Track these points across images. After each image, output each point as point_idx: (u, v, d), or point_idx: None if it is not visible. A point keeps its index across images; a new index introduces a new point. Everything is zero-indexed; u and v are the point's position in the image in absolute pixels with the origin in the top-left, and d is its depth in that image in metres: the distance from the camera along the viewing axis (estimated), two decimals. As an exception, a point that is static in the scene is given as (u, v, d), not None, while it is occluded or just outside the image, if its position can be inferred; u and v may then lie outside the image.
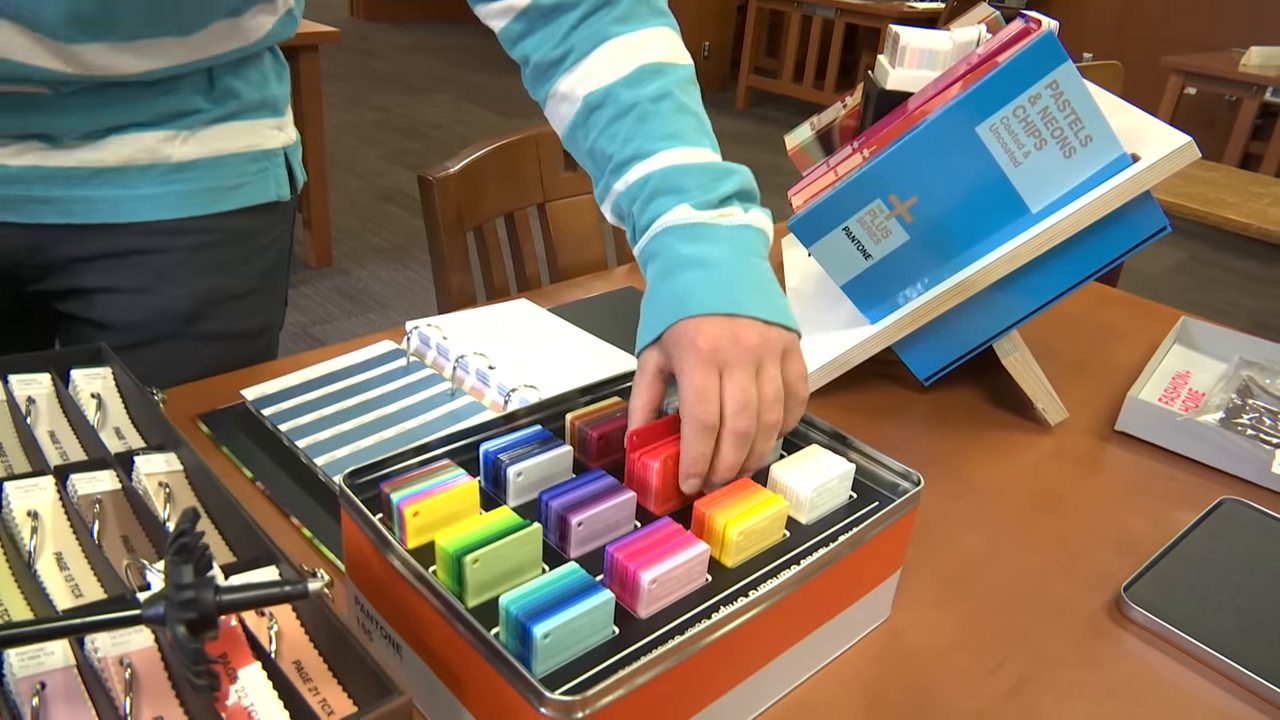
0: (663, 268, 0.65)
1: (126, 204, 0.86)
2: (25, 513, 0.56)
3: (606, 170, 0.73)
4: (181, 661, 0.40)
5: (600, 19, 0.74)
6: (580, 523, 0.54)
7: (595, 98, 0.72)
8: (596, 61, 0.73)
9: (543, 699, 0.42)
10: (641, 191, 0.69)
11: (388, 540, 0.51)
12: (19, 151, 0.80)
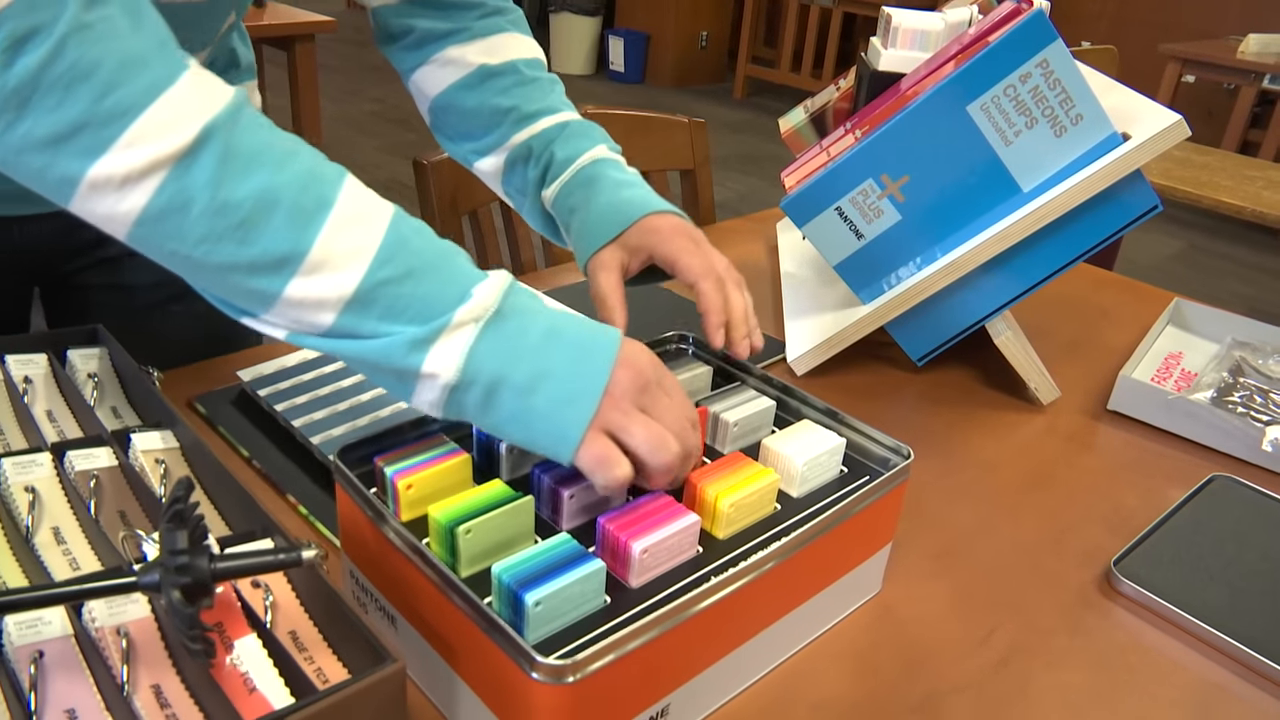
0: (605, 186, 0.74)
1: None
2: (23, 488, 0.57)
3: (506, 123, 0.78)
4: (177, 627, 0.41)
5: (497, 19, 0.80)
6: (572, 495, 0.55)
7: (495, 67, 0.78)
8: (498, 42, 0.79)
9: (534, 664, 0.43)
10: (560, 134, 0.77)
11: (382, 513, 0.51)
12: None
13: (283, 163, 0.48)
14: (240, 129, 0.47)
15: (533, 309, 0.52)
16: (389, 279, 0.49)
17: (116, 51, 0.44)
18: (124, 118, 0.44)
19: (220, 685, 0.45)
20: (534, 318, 0.52)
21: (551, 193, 0.77)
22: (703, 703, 0.53)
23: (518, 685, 0.44)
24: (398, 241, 0.50)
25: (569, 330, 0.53)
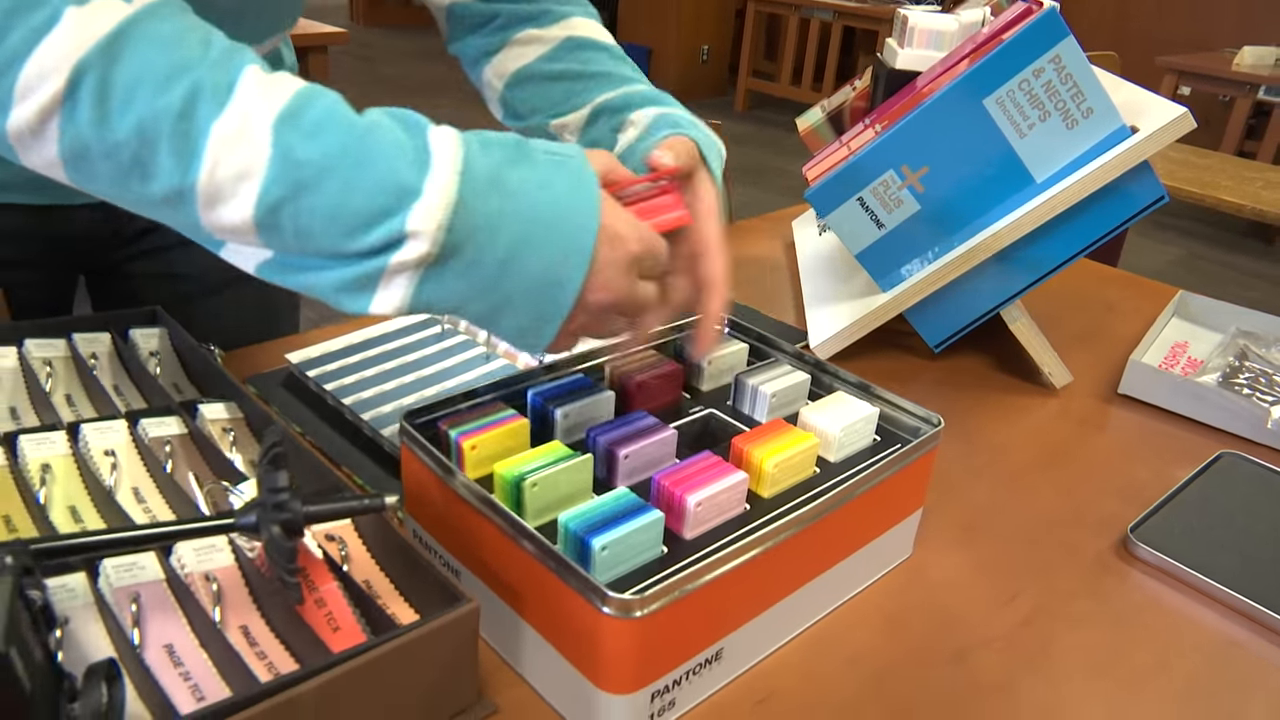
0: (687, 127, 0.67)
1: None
2: (103, 452, 0.60)
3: (592, 87, 0.75)
4: (276, 562, 0.44)
5: (573, 6, 0.79)
6: (627, 455, 0.58)
7: (580, 39, 0.76)
8: (578, 23, 0.78)
9: (605, 598, 0.46)
10: (651, 99, 0.72)
11: (450, 469, 0.55)
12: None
13: (162, 87, 0.44)
14: (119, 59, 0.43)
15: (490, 222, 0.47)
16: (281, 200, 0.45)
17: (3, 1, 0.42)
18: (11, 69, 0.43)
19: (307, 623, 0.48)
20: (491, 238, 0.47)
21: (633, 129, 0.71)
22: (751, 650, 0.56)
23: (587, 622, 0.48)
24: (282, 154, 0.44)
25: (534, 248, 0.48)
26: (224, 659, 0.47)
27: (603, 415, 0.64)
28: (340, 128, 0.46)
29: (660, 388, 0.68)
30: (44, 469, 0.58)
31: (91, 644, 0.47)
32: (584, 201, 0.50)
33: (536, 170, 0.49)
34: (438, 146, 0.47)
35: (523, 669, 0.55)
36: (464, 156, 0.47)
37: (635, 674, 0.49)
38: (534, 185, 0.49)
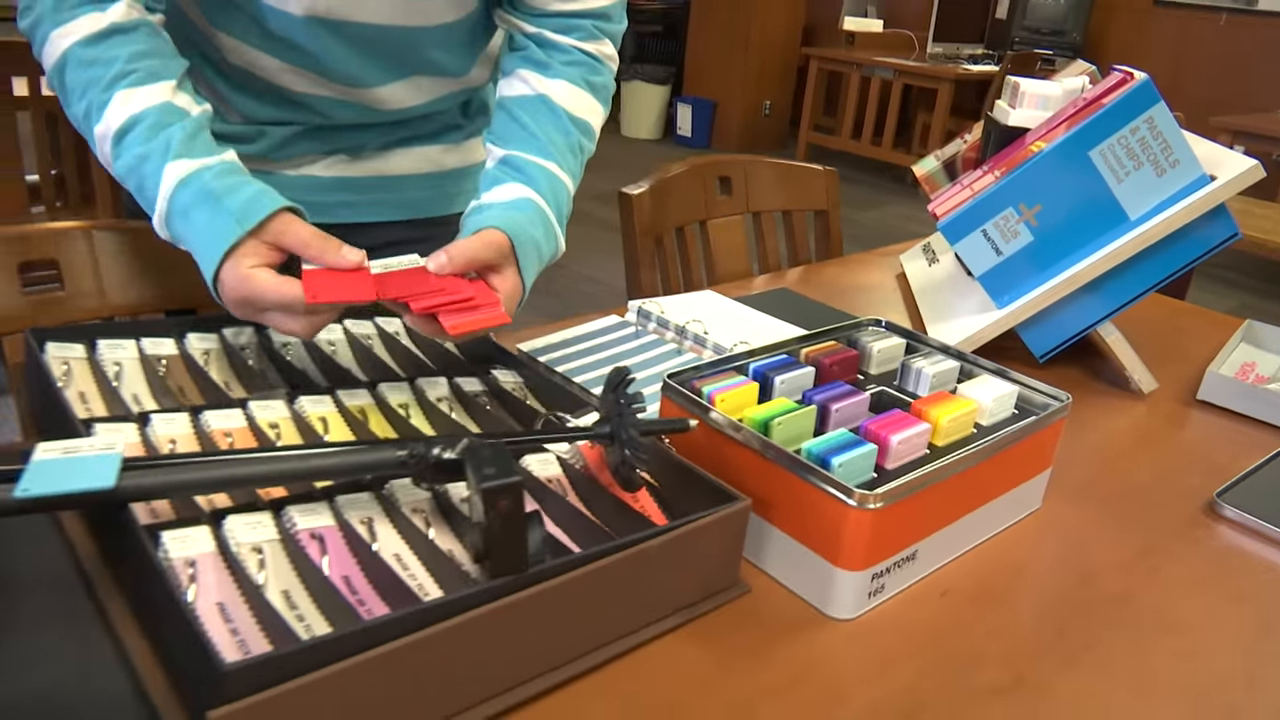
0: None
1: (406, 204, 1.11)
2: (439, 399, 0.80)
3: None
4: (628, 460, 0.63)
5: (577, 69, 0.97)
6: (837, 409, 0.77)
7: (549, 102, 0.95)
8: (562, 89, 0.95)
9: (850, 493, 0.65)
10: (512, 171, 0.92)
11: (707, 408, 0.74)
12: (328, 165, 1.06)
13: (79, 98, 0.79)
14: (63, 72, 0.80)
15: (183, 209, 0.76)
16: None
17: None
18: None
19: (634, 510, 0.67)
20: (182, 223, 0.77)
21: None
22: (936, 555, 0.75)
23: (832, 515, 0.66)
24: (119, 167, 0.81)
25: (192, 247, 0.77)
26: (582, 530, 0.66)
27: (806, 384, 0.83)
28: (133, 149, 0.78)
29: (842, 368, 0.87)
30: (403, 407, 0.78)
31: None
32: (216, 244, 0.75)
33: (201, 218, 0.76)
34: (165, 178, 0.76)
35: (764, 562, 0.73)
36: (170, 195, 0.76)
37: (864, 555, 0.67)
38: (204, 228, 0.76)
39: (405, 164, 1.09)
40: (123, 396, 0.72)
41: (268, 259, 0.74)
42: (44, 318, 0.92)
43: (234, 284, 0.73)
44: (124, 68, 0.78)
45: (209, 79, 0.99)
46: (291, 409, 0.73)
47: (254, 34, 0.92)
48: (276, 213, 0.75)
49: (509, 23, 0.98)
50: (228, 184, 0.76)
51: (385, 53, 0.95)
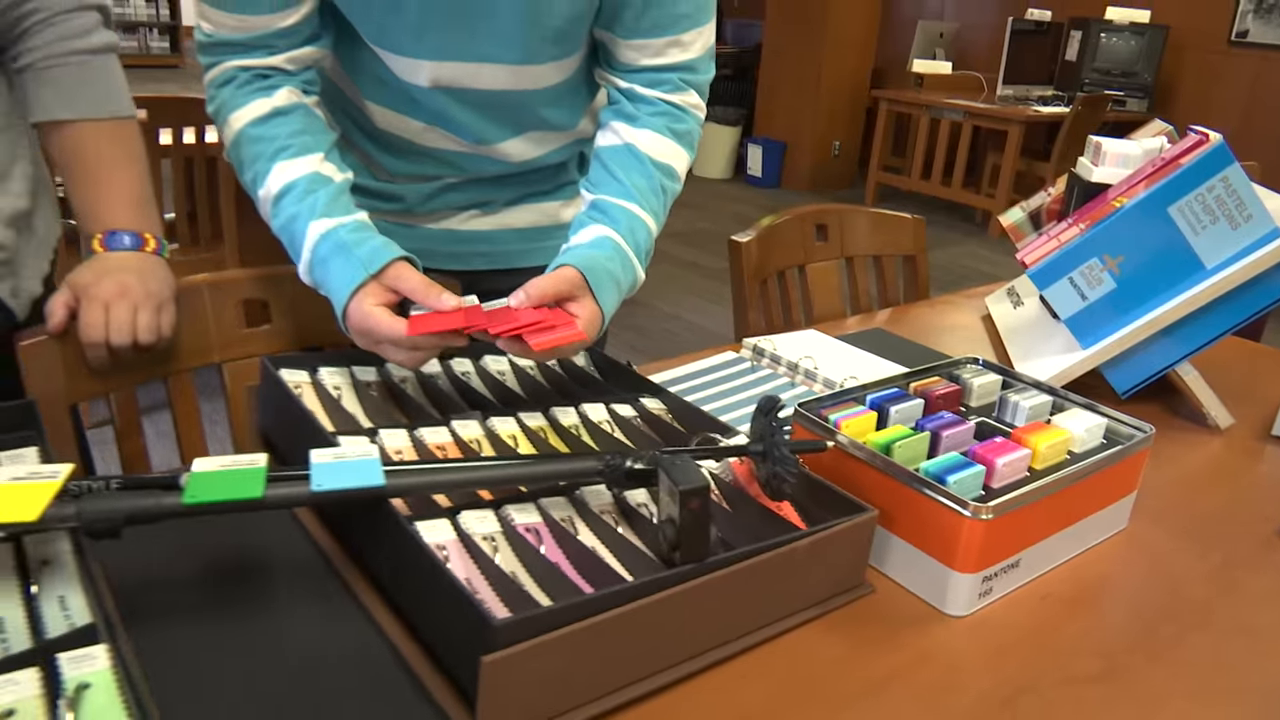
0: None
1: (532, 253, 1.25)
2: (601, 422, 0.93)
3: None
4: (777, 474, 0.76)
5: (662, 119, 1.09)
6: (948, 436, 0.89)
7: (635, 150, 1.08)
8: (648, 138, 1.08)
9: (966, 505, 0.76)
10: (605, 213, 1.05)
11: (835, 432, 0.86)
12: (463, 219, 1.21)
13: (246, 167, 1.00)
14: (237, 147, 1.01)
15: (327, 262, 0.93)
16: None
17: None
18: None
19: (780, 516, 0.79)
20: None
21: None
22: (1037, 564, 0.86)
23: (949, 525, 0.78)
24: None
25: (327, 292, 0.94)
26: (737, 531, 0.78)
27: (916, 414, 0.95)
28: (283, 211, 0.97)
29: (946, 401, 0.99)
30: (573, 428, 0.91)
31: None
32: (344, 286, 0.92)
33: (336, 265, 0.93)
34: (310, 234, 0.94)
35: (885, 566, 0.85)
36: (313, 246, 0.94)
37: (977, 560, 0.79)
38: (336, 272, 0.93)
39: (528, 218, 1.24)
40: (349, 413, 0.87)
41: (385, 299, 0.90)
42: (237, 348, 1.08)
43: (357, 319, 0.89)
44: (283, 143, 0.97)
45: (359, 142, 1.15)
46: (485, 427, 0.87)
47: (397, 102, 1.08)
48: (394, 261, 0.91)
49: (605, 80, 1.12)
50: (358, 237, 0.93)
51: (503, 113, 1.10)
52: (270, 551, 0.79)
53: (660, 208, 1.08)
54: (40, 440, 0.81)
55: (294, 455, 0.78)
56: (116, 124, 1.00)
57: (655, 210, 1.07)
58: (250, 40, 0.98)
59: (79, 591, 0.66)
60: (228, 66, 0.99)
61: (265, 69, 1.00)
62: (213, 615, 0.70)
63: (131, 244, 0.98)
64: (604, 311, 0.96)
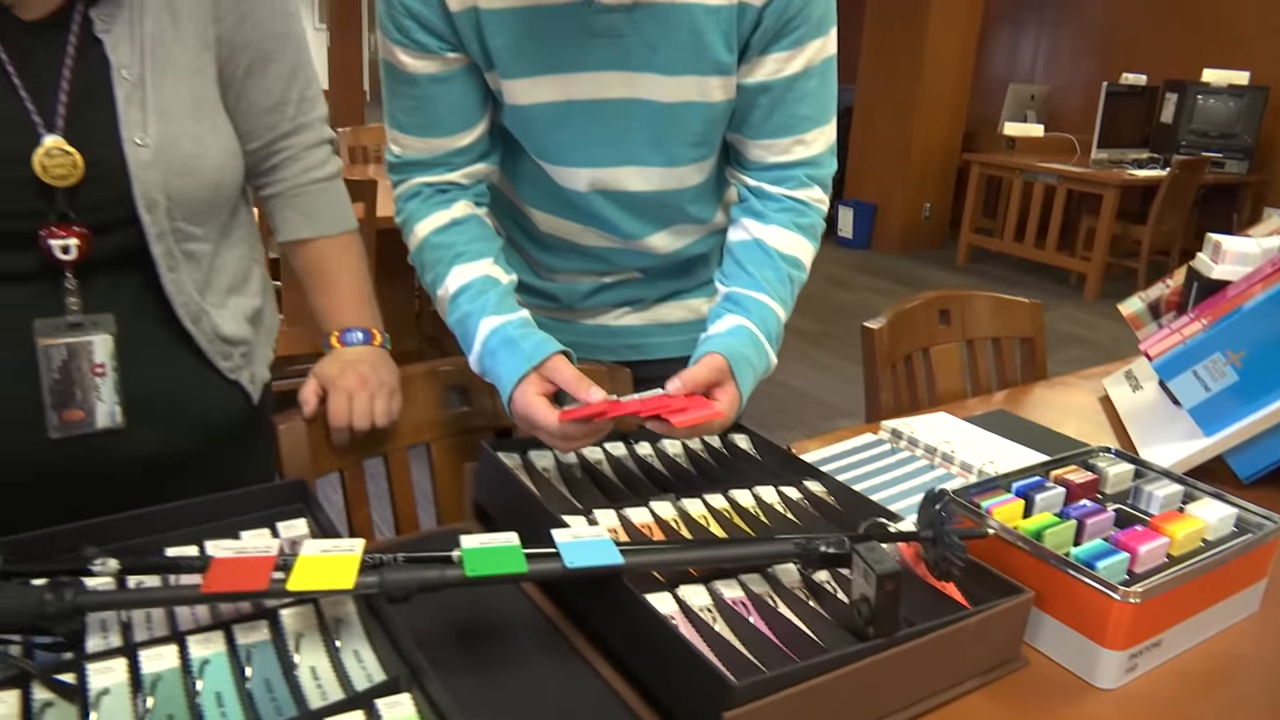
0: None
1: (676, 346, 1.38)
2: (770, 504, 1.05)
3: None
4: (946, 557, 0.87)
5: (787, 215, 1.20)
6: (1091, 523, 0.99)
7: (763, 244, 1.20)
8: (776, 234, 1.20)
9: (1116, 589, 0.86)
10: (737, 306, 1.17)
11: (985, 517, 0.97)
12: (616, 316, 1.35)
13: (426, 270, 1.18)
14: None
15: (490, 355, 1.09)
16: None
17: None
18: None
19: (945, 594, 0.90)
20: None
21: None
22: (1176, 643, 0.94)
23: (1099, 606, 0.88)
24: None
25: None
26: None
27: (1058, 501, 1.05)
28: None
29: (1084, 489, 1.08)
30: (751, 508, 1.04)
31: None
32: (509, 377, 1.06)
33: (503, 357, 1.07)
34: (481, 330, 1.09)
35: (1038, 642, 0.95)
36: (484, 340, 1.09)
37: (1125, 639, 0.88)
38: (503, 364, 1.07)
39: (675, 314, 1.38)
40: (560, 493, 1.01)
41: (544, 389, 1.04)
42: (442, 428, 1.23)
43: (520, 406, 1.03)
44: (459, 250, 1.13)
45: (522, 243, 1.31)
46: (678, 508, 1.00)
47: (556, 206, 1.24)
48: (553, 355, 1.05)
49: (735, 177, 1.25)
50: (522, 333, 1.08)
51: (651, 211, 1.24)
52: (502, 615, 0.92)
53: (788, 295, 1.20)
54: (309, 513, 0.96)
55: (510, 527, 0.91)
56: (346, 236, 1.17)
57: (784, 298, 1.19)
58: (433, 159, 1.16)
59: (368, 646, 0.80)
60: (413, 183, 1.17)
61: (444, 184, 1.17)
62: (467, 669, 0.83)
63: (362, 339, 1.14)
64: (743, 394, 1.08)
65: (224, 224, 1.05)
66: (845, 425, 3.76)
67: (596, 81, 1.12)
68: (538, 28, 1.08)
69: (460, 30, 1.09)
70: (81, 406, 0.93)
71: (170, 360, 1.00)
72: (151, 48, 0.93)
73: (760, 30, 1.12)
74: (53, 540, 0.85)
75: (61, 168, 0.88)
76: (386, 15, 1.09)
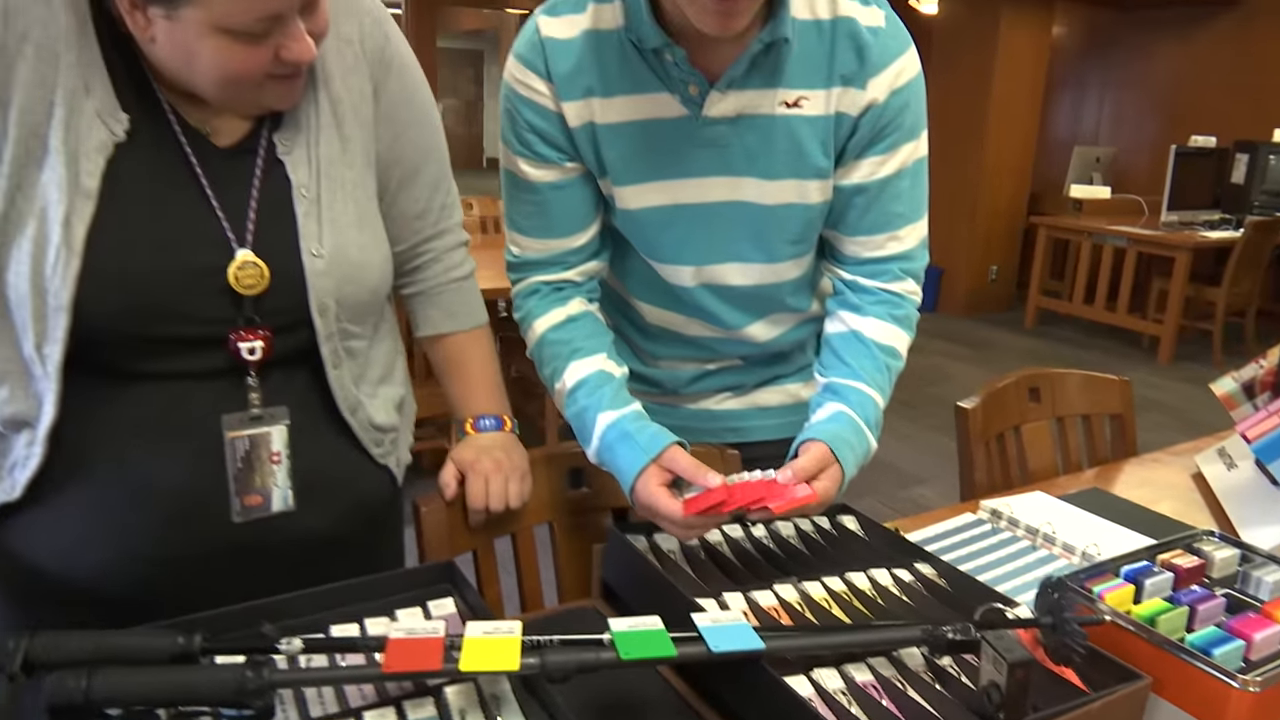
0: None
1: (774, 429, 1.44)
2: (865, 589, 1.10)
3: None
4: (1067, 644, 0.91)
5: (882, 308, 1.26)
6: (1203, 609, 1.02)
7: (860, 335, 1.25)
8: (873, 324, 1.25)
9: (1234, 676, 0.90)
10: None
11: (1096, 602, 1.00)
12: (718, 400, 1.42)
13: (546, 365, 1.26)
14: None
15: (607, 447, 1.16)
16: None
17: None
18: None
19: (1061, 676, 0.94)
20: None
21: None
22: (1290, 730, 0.97)
23: (1217, 693, 0.91)
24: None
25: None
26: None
27: (1167, 586, 1.08)
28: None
29: (1192, 574, 1.11)
30: (868, 590, 1.08)
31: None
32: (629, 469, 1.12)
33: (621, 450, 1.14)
34: (598, 425, 1.16)
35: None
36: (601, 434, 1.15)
37: (1244, 725, 0.91)
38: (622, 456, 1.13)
39: (773, 398, 1.44)
40: (687, 574, 1.07)
41: (664, 479, 1.10)
42: (562, 509, 1.31)
43: (643, 498, 1.09)
44: (575, 345, 1.21)
45: (629, 334, 1.39)
46: (799, 590, 1.05)
47: (663, 300, 1.32)
48: (669, 446, 1.12)
49: (831, 271, 1.32)
50: (638, 426, 1.15)
51: (751, 303, 1.31)
52: (638, 692, 0.98)
53: (886, 383, 1.25)
54: (456, 592, 1.03)
55: (642, 608, 0.97)
56: (480, 330, 1.26)
57: (881, 386, 1.24)
58: (549, 259, 1.25)
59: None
60: (531, 281, 1.26)
61: (560, 282, 1.26)
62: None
63: (494, 425, 1.22)
64: (845, 477, 1.13)
65: (376, 321, 1.14)
66: (920, 492, 3.80)
67: (702, 186, 1.20)
68: (648, 140, 1.17)
69: (578, 143, 1.19)
70: (260, 492, 1.02)
71: (331, 448, 1.09)
72: (325, 168, 1.03)
73: (856, 137, 1.20)
74: (233, 618, 0.93)
75: (251, 278, 0.98)
76: (510, 130, 1.20)
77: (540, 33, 1.15)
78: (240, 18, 0.88)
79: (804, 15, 1.14)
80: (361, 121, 1.07)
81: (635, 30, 1.11)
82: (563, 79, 1.15)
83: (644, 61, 1.14)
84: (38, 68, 0.90)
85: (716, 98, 1.14)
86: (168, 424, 1.00)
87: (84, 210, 0.91)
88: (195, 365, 0.99)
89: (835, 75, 1.16)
